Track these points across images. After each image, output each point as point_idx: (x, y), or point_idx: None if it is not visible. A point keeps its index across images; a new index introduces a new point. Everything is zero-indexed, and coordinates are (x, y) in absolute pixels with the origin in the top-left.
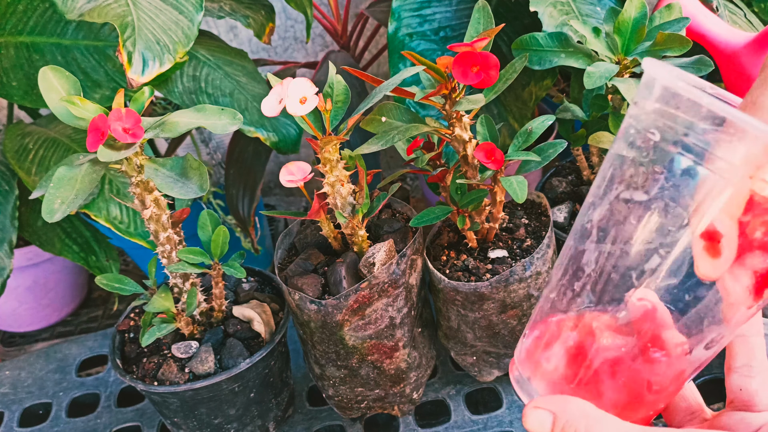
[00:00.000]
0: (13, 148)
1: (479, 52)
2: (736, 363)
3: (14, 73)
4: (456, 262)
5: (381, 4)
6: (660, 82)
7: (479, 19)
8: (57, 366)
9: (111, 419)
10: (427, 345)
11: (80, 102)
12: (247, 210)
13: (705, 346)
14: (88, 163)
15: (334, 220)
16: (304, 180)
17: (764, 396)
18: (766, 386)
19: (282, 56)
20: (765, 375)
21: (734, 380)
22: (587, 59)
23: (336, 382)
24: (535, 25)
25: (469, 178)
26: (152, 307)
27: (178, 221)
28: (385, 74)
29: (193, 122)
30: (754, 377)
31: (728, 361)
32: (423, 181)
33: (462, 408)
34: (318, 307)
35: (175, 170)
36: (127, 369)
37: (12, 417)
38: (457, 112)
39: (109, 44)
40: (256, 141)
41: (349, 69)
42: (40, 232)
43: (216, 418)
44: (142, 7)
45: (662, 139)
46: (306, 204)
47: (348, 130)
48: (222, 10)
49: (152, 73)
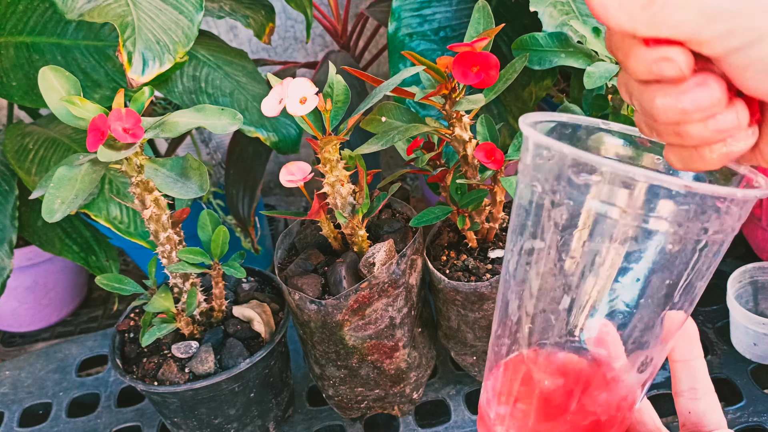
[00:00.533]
0: (13, 148)
1: (479, 52)
2: (681, 387)
3: (14, 73)
4: (456, 262)
5: (381, 4)
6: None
7: (479, 19)
8: (57, 366)
9: (111, 419)
10: (427, 345)
11: (80, 102)
12: (247, 210)
13: (638, 369)
14: (88, 163)
15: (334, 220)
16: (304, 180)
17: (712, 416)
18: (712, 407)
19: (282, 56)
20: (711, 396)
21: (682, 404)
22: (587, 59)
23: (336, 382)
24: (535, 25)
25: (469, 178)
26: (152, 307)
27: (178, 221)
28: (385, 74)
29: (193, 122)
30: (700, 399)
31: (674, 386)
32: (423, 181)
33: (462, 408)
34: (318, 307)
35: (175, 170)
36: (127, 369)
37: (12, 417)
38: (457, 112)
39: (109, 44)
40: (256, 141)
41: (349, 69)
42: (40, 232)
43: (216, 418)
44: (142, 7)
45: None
46: (306, 204)
47: (348, 130)
48: (222, 10)
49: (152, 73)
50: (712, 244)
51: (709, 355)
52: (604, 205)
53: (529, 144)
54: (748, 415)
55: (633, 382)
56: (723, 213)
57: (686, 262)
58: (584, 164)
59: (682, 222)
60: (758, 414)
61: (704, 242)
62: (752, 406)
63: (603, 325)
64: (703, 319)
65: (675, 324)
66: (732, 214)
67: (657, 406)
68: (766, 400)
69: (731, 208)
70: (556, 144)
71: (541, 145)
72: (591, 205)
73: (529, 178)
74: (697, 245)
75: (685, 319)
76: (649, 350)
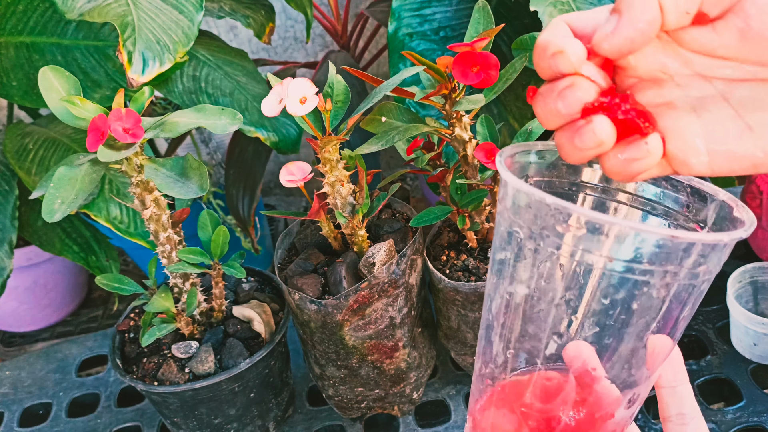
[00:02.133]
0: (13, 148)
1: (479, 52)
2: (669, 413)
3: (14, 73)
4: (456, 262)
5: (381, 4)
6: (511, 185)
7: (479, 19)
8: (57, 366)
9: (111, 419)
10: (427, 345)
11: (80, 102)
12: (247, 210)
13: (625, 406)
14: (88, 163)
15: (334, 220)
16: (304, 180)
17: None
18: (699, 430)
19: (282, 56)
20: (698, 420)
21: (670, 429)
22: None
23: (336, 382)
24: (535, 25)
25: (469, 178)
26: (152, 307)
27: (178, 221)
28: (385, 74)
29: (193, 122)
30: (687, 424)
31: (662, 412)
32: (423, 181)
33: (462, 408)
34: (318, 307)
35: (175, 170)
36: (127, 369)
37: (12, 417)
38: (457, 112)
39: (109, 44)
40: (256, 141)
41: (349, 69)
42: (40, 232)
43: (216, 418)
44: (142, 6)
45: (525, 236)
46: (306, 204)
47: (348, 130)
48: (222, 10)
49: (152, 72)
50: (700, 283)
51: (709, 355)
52: (586, 252)
53: (509, 189)
54: (748, 415)
55: (621, 417)
56: (705, 254)
57: (671, 301)
58: (566, 213)
59: (665, 265)
60: (758, 414)
61: (690, 282)
62: (752, 406)
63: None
64: (703, 319)
65: (662, 355)
66: (716, 254)
67: (648, 405)
68: (766, 400)
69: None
70: (537, 193)
71: (522, 191)
72: (573, 252)
73: (509, 222)
74: (683, 286)
75: (671, 350)
76: (637, 388)
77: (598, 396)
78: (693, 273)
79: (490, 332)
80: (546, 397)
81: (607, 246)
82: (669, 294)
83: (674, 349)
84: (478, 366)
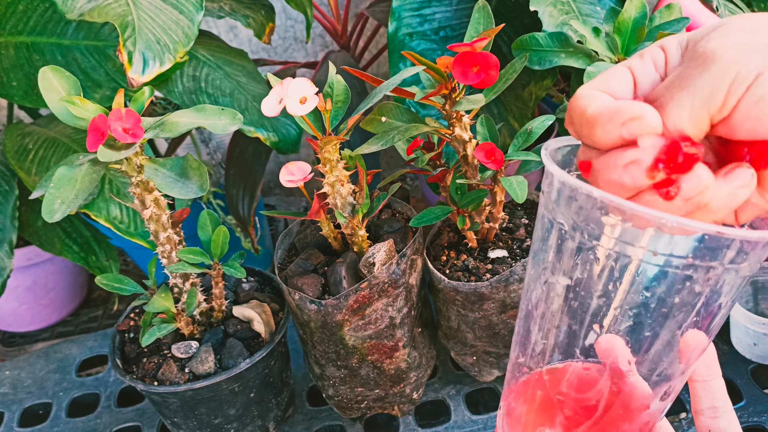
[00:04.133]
0: (13, 148)
1: (479, 52)
2: (701, 406)
3: (14, 73)
4: (456, 262)
5: (381, 4)
6: (557, 177)
7: (479, 19)
8: (57, 366)
9: (111, 419)
10: (427, 345)
11: (80, 102)
12: (247, 210)
13: (660, 398)
14: (88, 163)
15: (334, 220)
16: (304, 180)
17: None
18: (732, 425)
19: (282, 56)
20: (730, 414)
21: (702, 422)
22: (587, 59)
23: (336, 382)
24: (535, 25)
25: (469, 178)
26: (152, 307)
27: (178, 221)
28: (385, 74)
29: (193, 122)
30: (720, 417)
31: (694, 405)
32: (423, 181)
33: (462, 408)
34: (318, 307)
35: (175, 170)
36: (127, 369)
37: (12, 417)
38: (457, 112)
39: (110, 44)
40: (256, 141)
41: (349, 69)
42: (40, 232)
43: (216, 418)
44: (142, 6)
45: (570, 228)
46: (306, 204)
47: (348, 130)
48: (222, 10)
49: (152, 72)
50: (740, 280)
51: None
52: (629, 246)
53: (554, 182)
54: (748, 415)
55: (655, 409)
56: (749, 251)
57: (709, 297)
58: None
59: (707, 260)
60: (758, 414)
61: (730, 278)
62: (752, 406)
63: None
64: None
65: (697, 351)
66: (757, 252)
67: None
68: (766, 400)
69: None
70: (584, 186)
71: (568, 184)
72: (617, 246)
73: (554, 214)
74: (723, 282)
75: (706, 346)
76: (672, 381)
77: (632, 388)
78: (734, 269)
79: (528, 321)
80: (582, 387)
81: (651, 240)
82: (709, 289)
83: (709, 345)
84: (515, 354)
